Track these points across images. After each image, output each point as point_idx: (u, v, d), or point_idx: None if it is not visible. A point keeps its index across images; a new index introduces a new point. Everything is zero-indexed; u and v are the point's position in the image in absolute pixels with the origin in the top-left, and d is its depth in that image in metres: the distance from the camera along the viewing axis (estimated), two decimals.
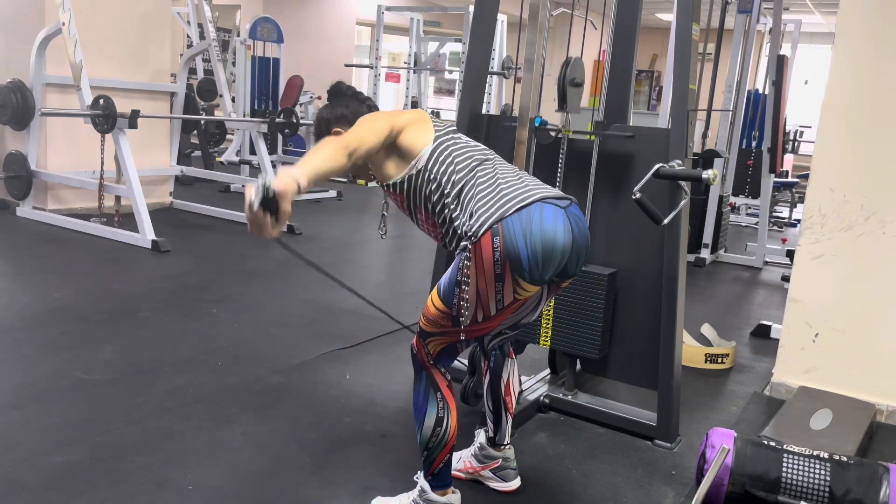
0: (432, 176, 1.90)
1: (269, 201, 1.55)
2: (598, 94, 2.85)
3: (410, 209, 1.99)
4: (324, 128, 2.07)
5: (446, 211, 1.90)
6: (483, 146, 2.04)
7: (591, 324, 2.66)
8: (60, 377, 2.76)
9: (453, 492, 1.99)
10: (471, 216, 1.83)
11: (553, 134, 2.66)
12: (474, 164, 1.92)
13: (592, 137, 2.72)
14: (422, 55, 9.75)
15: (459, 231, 1.86)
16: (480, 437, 2.25)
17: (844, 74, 3.00)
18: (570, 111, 2.64)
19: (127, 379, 2.79)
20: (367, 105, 2.09)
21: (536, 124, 2.63)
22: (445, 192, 1.89)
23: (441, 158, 1.91)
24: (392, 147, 1.91)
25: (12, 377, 2.74)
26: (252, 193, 1.54)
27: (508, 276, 1.78)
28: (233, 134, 8.37)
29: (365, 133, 1.82)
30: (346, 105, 2.07)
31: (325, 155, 1.70)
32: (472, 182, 1.88)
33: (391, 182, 1.95)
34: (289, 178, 1.57)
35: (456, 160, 1.91)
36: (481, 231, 1.77)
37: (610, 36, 2.80)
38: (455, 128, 2.04)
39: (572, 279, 1.97)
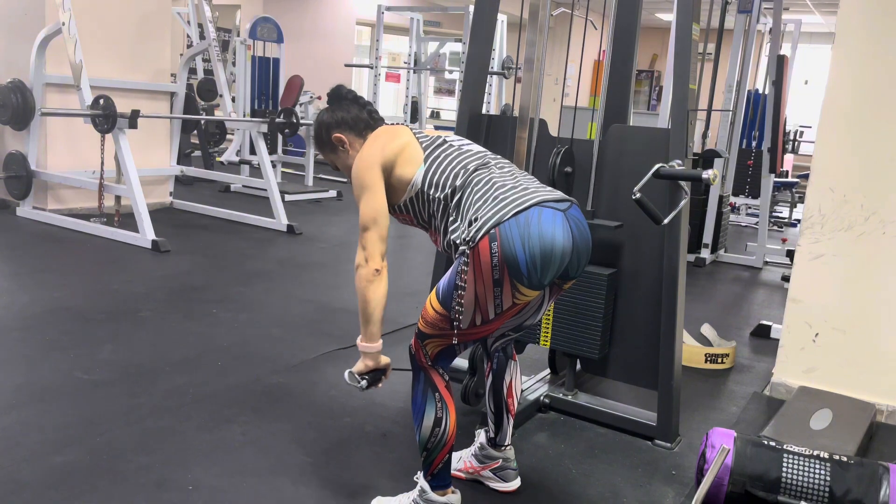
0: (430, 198, 1.95)
1: (372, 379, 1.96)
2: (598, 94, 2.85)
3: (419, 224, 2.05)
4: (324, 132, 2.10)
5: (447, 222, 1.94)
6: (478, 147, 2.04)
7: (591, 324, 2.66)
8: (60, 377, 2.76)
9: (453, 492, 1.99)
10: (469, 224, 1.83)
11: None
12: (470, 170, 1.93)
13: (593, 135, 2.71)
14: (422, 55, 9.75)
15: (458, 241, 1.86)
16: (481, 437, 2.25)
17: (844, 74, 3.00)
18: None
19: (127, 379, 2.79)
20: (367, 110, 2.11)
21: None
22: (443, 206, 1.94)
23: (435, 179, 1.94)
24: (387, 183, 1.96)
25: (12, 377, 2.74)
26: (357, 386, 1.95)
27: (507, 281, 1.77)
28: (233, 134, 8.37)
29: (372, 222, 1.90)
30: (346, 109, 2.09)
31: (368, 296, 1.88)
32: (469, 190, 1.89)
33: (396, 206, 2.01)
34: (369, 352, 1.93)
35: (450, 174, 1.93)
36: (479, 236, 1.78)
37: (610, 36, 2.80)
38: (441, 137, 2.05)
39: (574, 281, 1.96)
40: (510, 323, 1.97)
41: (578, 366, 2.89)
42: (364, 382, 1.93)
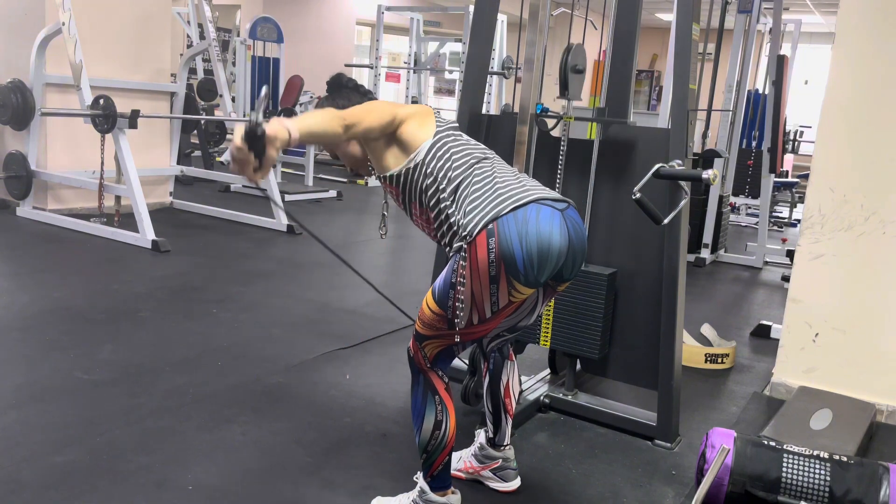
0: (429, 170, 1.90)
1: (256, 140, 1.55)
2: (598, 94, 2.85)
3: (406, 203, 1.99)
4: None
5: (442, 205, 1.89)
6: (483, 146, 2.04)
7: (591, 324, 2.66)
8: (60, 377, 2.76)
9: (453, 492, 1.99)
10: (465, 214, 1.82)
11: (554, 121, 2.66)
12: (472, 161, 1.92)
13: (593, 135, 2.72)
14: (422, 55, 9.75)
15: (455, 227, 1.85)
16: (480, 437, 2.25)
17: (844, 74, 3.00)
18: (572, 98, 2.64)
19: (127, 379, 2.79)
20: (367, 98, 2.08)
21: (538, 111, 2.63)
22: (441, 187, 1.89)
23: (439, 154, 1.91)
24: (392, 138, 1.91)
25: (12, 377, 2.74)
26: (241, 128, 1.55)
27: (503, 277, 1.77)
28: (233, 134, 8.36)
29: (365, 113, 1.82)
30: (346, 97, 2.05)
31: (322, 117, 1.70)
32: (469, 179, 1.88)
33: (388, 174, 1.95)
34: (280, 126, 1.59)
35: (454, 157, 1.91)
36: (476, 230, 1.77)
37: (610, 36, 2.80)
38: (457, 125, 2.04)
39: (568, 283, 1.96)
40: (506, 323, 1.97)
41: (578, 366, 2.89)
42: (247, 131, 1.54)
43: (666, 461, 2.52)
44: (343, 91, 2.07)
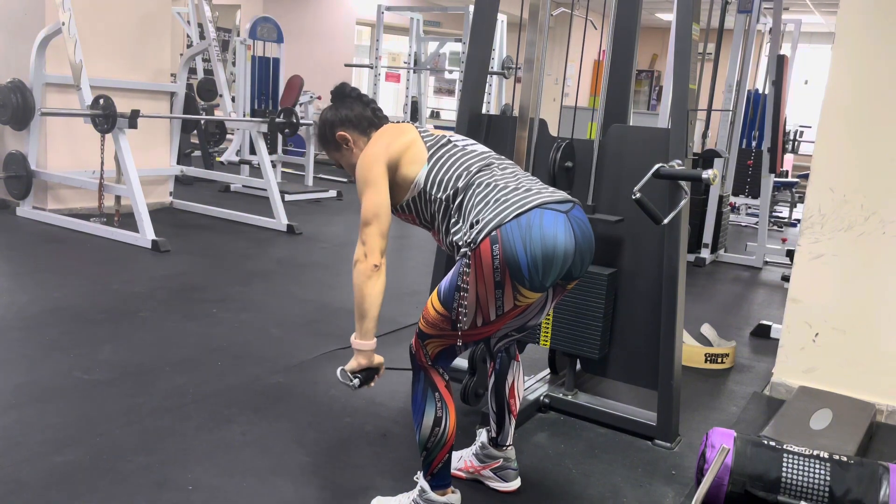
0: (431, 197, 1.95)
1: (362, 385, 1.93)
2: (598, 94, 2.85)
3: (424, 225, 2.05)
4: (328, 130, 2.08)
5: (449, 223, 1.93)
6: (482, 148, 2.04)
7: (591, 324, 2.66)
8: (60, 377, 2.76)
9: (453, 491, 1.99)
10: (471, 226, 1.83)
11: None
12: (472, 172, 1.93)
13: (593, 135, 2.72)
14: (422, 55, 9.76)
15: (461, 242, 1.86)
16: (482, 436, 2.25)
17: (844, 74, 3.00)
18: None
19: (127, 379, 2.79)
20: (371, 108, 2.10)
21: None
22: (445, 207, 1.93)
23: (437, 178, 1.94)
24: (392, 181, 1.96)
25: (12, 377, 2.74)
26: (349, 385, 1.91)
27: (508, 283, 1.77)
28: (233, 134, 8.37)
29: (372, 205, 1.90)
30: (350, 107, 2.08)
31: (367, 294, 1.86)
32: (471, 192, 1.89)
33: (399, 205, 2.01)
34: (358, 353, 1.92)
35: (452, 176, 1.93)
36: (480, 238, 1.78)
37: (610, 36, 2.80)
38: (446, 137, 2.04)
39: (578, 281, 1.96)
40: (513, 323, 1.97)
41: (578, 366, 2.89)
42: (356, 381, 1.91)
43: (666, 461, 2.52)
44: (347, 101, 2.09)
